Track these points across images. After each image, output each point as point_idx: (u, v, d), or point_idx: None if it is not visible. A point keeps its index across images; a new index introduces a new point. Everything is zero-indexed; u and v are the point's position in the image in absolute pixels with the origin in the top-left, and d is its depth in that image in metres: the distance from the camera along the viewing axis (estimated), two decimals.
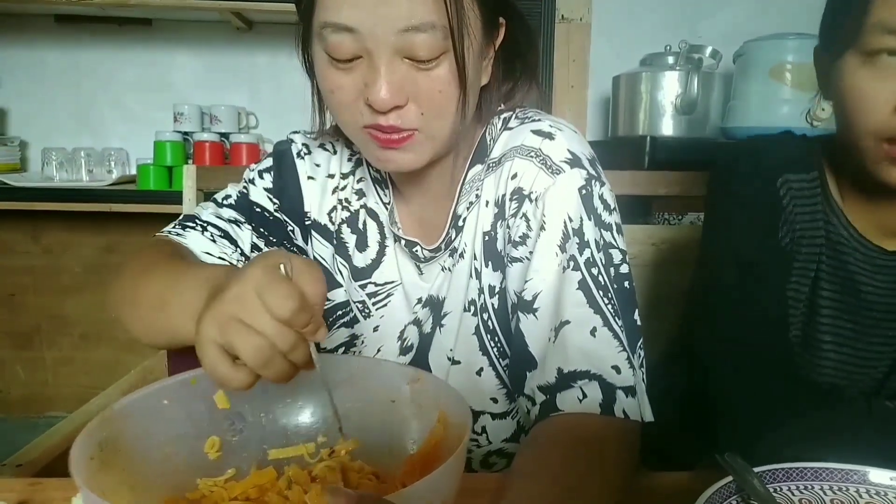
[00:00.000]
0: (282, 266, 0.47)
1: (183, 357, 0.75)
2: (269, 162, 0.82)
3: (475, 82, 0.67)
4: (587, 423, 0.61)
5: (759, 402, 0.67)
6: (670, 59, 1.84)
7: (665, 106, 1.81)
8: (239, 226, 0.79)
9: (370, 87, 0.61)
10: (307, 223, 0.81)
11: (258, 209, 0.80)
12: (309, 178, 0.81)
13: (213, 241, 0.77)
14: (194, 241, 0.76)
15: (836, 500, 0.52)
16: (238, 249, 0.78)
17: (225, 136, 2.19)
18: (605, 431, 0.60)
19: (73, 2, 1.97)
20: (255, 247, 0.79)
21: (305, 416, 0.59)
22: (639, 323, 0.69)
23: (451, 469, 0.41)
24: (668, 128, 1.82)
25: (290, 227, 0.81)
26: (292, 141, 0.83)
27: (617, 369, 0.63)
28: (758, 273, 0.75)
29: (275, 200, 0.81)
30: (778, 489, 0.52)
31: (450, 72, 0.63)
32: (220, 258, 0.76)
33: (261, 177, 0.81)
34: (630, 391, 0.63)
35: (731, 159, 0.82)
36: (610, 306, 0.65)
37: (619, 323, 0.65)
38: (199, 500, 0.52)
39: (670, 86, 1.80)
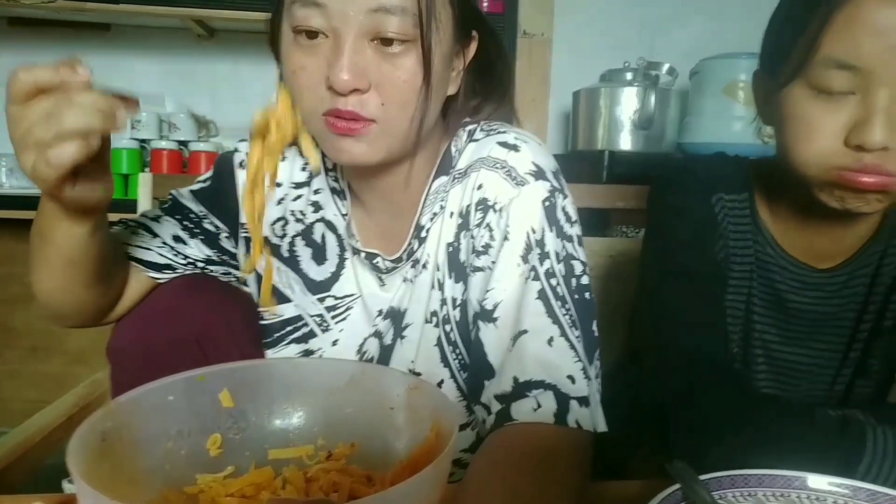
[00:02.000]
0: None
1: (124, 370, 0.75)
2: (210, 172, 0.83)
3: (440, 84, 0.67)
4: (540, 433, 0.61)
5: (705, 412, 0.68)
6: (629, 76, 1.88)
7: (623, 121, 1.84)
8: (159, 221, 0.79)
9: (332, 67, 0.61)
10: (243, 234, 0.81)
11: (186, 210, 0.81)
12: None
13: (134, 233, 0.78)
14: (113, 234, 0.78)
15: None
16: (158, 238, 0.78)
17: (184, 143, 2.15)
18: (558, 441, 0.61)
19: (27, 4, 1.92)
20: (176, 238, 0.79)
21: (306, 419, 0.60)
22: (596, 334, 0.70)
23: (423, 480, 0.41)
24: (626, 142, 1.85)
25: (224, 234, 0.81)
26: (236, 150, 0.82)
27: (572, 379, 0.63)
28: (697, 282, 0.76)
29: (201, 206, 0.81)
30: (723, 496, 0.53)
31: (416, 62, 0.63)
32: (138, 246, 0.77)
33: (195, 184, 0.82)
34: (584, 401, 0.63)
35: (668, 176, 0.84)
36: (567, 317, 0.66)
37: (577, 333, 0.66)
38: (197, 494, 0.53)
39: (628, 101, 1.83)
